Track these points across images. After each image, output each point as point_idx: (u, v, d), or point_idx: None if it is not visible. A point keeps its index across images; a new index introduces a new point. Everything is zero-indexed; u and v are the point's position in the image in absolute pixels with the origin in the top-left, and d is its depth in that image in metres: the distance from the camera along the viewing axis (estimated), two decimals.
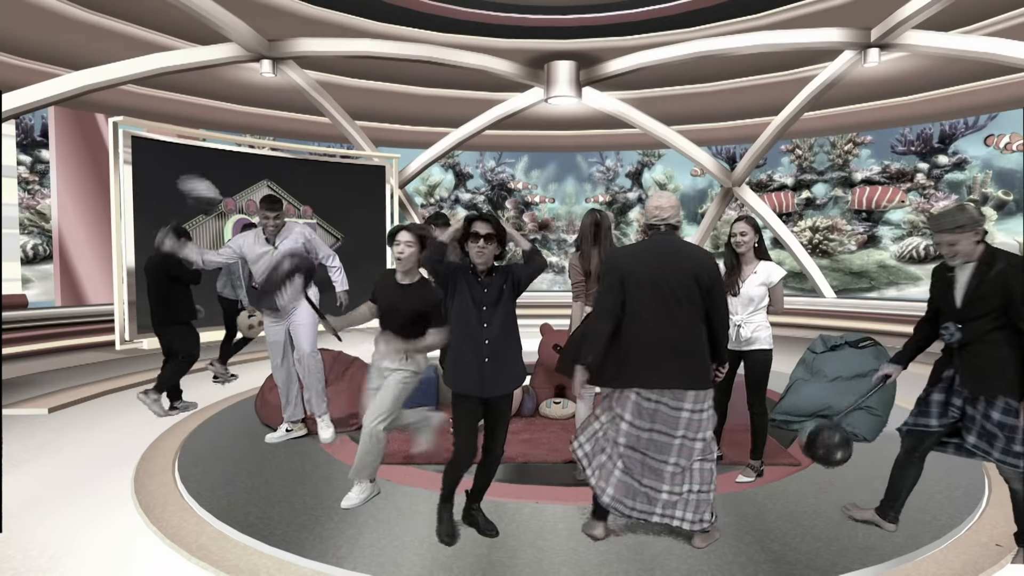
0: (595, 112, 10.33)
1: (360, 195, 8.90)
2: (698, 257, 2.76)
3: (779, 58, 8.68)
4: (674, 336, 2.68)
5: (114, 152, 6.60)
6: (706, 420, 2.76)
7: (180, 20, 7.17)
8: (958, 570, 2.69)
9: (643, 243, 2.90)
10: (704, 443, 2.78)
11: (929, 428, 2.88)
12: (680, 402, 2.72)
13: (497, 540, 2.94)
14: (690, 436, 2.75)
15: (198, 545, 2.89)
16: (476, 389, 2.83)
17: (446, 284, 2.92)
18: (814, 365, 5.02)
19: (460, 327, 2.88)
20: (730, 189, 11.21)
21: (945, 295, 2.79)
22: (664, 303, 2.68)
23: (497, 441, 2.98)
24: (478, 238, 2.85)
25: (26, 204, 11.05)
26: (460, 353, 2.86)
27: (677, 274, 2.68)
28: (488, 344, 2.83)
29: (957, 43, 7.24)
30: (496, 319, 2.86)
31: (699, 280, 2.67)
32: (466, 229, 2.89)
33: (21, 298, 8.99)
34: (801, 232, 13.26)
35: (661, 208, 2.80)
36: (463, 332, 2.87)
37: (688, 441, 2.76)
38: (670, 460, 2.77)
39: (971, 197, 11.45)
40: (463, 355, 2.85)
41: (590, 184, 15.51)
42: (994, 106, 10.59)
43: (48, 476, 3.87)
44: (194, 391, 5.87)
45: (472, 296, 2.86)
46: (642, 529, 3.03)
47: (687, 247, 2.82)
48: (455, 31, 8.36)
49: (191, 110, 10.46)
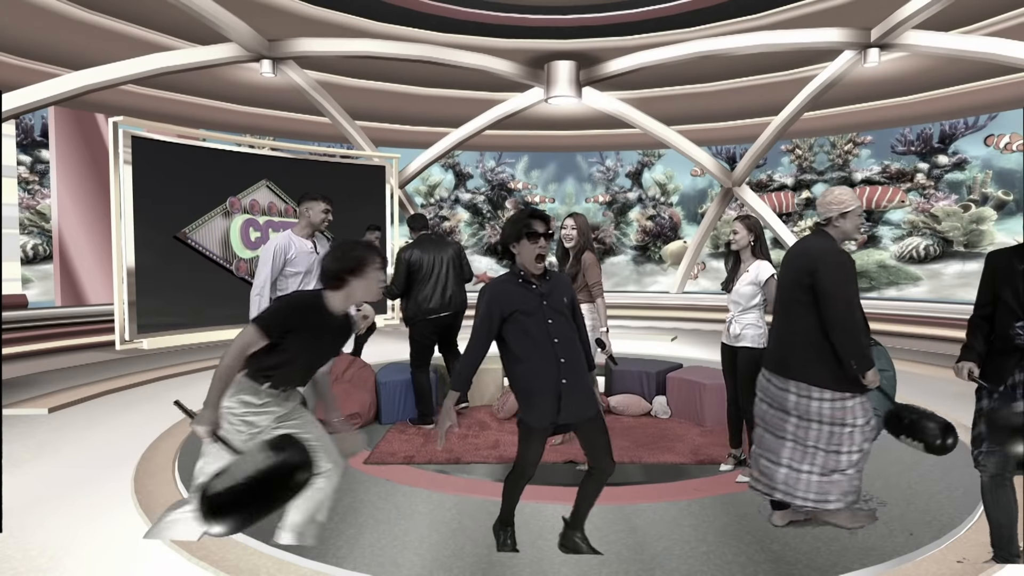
0: (595, 112, 10.33)
1: (360, 195, 8.90)
2: (813, 255, 2.75)
3: (779, 58, 8.68)
4: (783, 326, 2.90)
5: (114, 152, 6.60)
6: (816, 408, 2.76)
7: (180, 20, 7.16)
8: (958, 570, 2.69)
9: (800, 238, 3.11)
10: (819, 430, 2.77)
11: None
12: (786, 385, 2.84)
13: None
14: (804, 422, 2.80)
15: (198, 545, 2.89)
16: (556, 417, 2.46)
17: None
18: None
19: (526, 350, 2.45)
20: (730, 189, 11.21)
21: (1017, 288, 2.44)
22: (781, 295, 2.93)
23: (603, 457, 2.59)
24: (537, 237, 2.43)
25: (26, 204, 11.05)
26: (533, 380, 2.46)
27: (791, 271, 2.85)
28: (564, 363, 2.44)
29: (957, 43, 7.24)
30: (563, 330, 2.48)
31: (804, 277, 2.74)
32: (518, 229, 2.46)
33: (21, 298, 8.99)
34: (801, 232, 13.26)
35: (826, 204, 2.84)
36: (533, 355, 2.44)
37: (803, 422, 2.80)
38: (787, 435, 2.86)
39: (971, 197, 11.45)
40: (537, 382, 2.45)
41: (590, 184, 15.50)
42: (994, 106, 10.59)
43: (48, 476, 3.87)
44: (195, 391, 5.86)
45: (535, 313, 2.44)
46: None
47: (811, 244, 2.83)
48: (455, 31, 8.36)
49: (191, 110, 10.46)
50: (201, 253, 7.38)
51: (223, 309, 7.35)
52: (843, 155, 13.12)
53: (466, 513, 3.22)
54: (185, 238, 7.23)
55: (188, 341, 7.39)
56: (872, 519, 3.07)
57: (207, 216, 7.43)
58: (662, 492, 3.56)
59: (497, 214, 15.32)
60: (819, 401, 2.76)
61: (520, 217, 2.49)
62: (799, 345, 2.80)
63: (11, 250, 10.47)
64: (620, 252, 15.31)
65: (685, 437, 4.57)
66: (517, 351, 2.48)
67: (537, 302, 2.46)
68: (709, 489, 3.57)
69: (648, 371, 5.40)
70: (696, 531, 3.01)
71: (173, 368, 7.21)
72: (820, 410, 2.77)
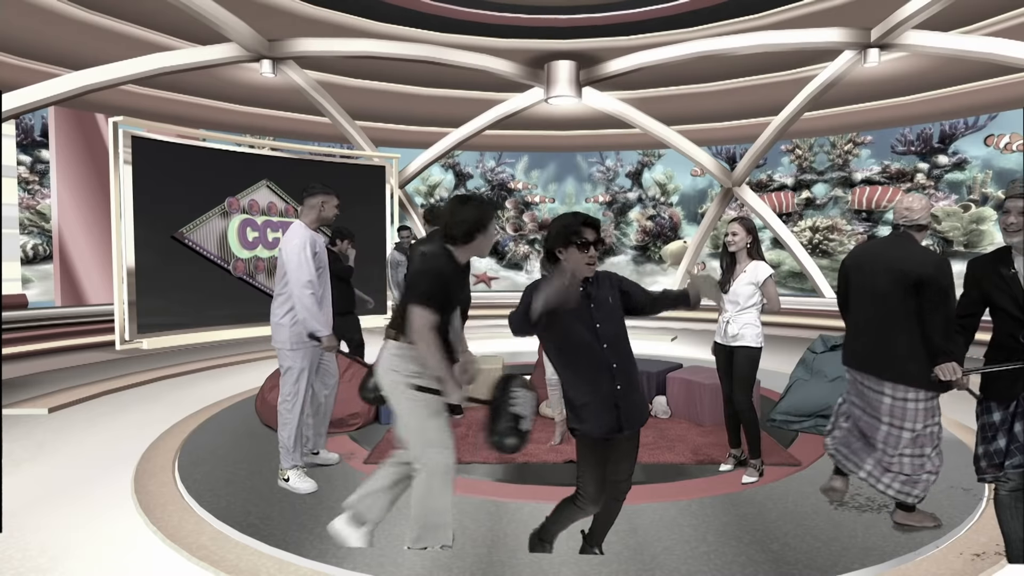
0: (595, 112, 10.33)
1: (360, 195, 8.91)
2: (913, 260, 2.80)
3: (779, 58, 8.69)
4: (879, 329, 2.91)
5: (114, 152, 6.60)
6: (912, 410, 2.82)
7: (180, 20, 7.17)
8: (958, 570, 2.69)
9: (875, 241, 3.25)
10: (913, 434, 2.84)
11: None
12: (881, 387, 2.89)
13: (497, 540, 2.94)
14: (896, 424, 2.86)
15: (198, 545, 2.89)
16: (616, 426, 2.33)
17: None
18: (814, 365, 5.02)
19: (579, 358, 2.32)
20: (730, 189, 11.21)
21: (1016, 295, 2.35)
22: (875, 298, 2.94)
23: (625, 475, 2.49)
24: (588, 247, 2.28)
25: (26, 204, 11.05)
26: (588, 389, 2.32)
27: (889, 275, 2.86)
28: (617, 368, 2.32)
29: (957, 43, 7.24)
30: (613, 335, 2.34)
31: (909, 280, 2.77)
32: (568, 236, 2.28)
33: (21, 298, 8.99)
34: (801, 232, 13.26)
35: (911, 210, 2.92)
36: (586, 362, 2.31)
37: (895, 429, 2.87)
38: (878, 440, 2.94)
39: (971, 197, 11.46)
40: (593, 390, 2.31)
41: (590, 184, 15.51)
42: (994, 106, 10.60)
43: (48, 476, 3.87)
44: (195, 391, 5.87)
45: (582, 316, 2.30)
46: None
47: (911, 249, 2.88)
48: (455, 31, 8.36)
49: (191, 110, 10.47)
50: (199, 253, 7.38)
51: (223, 309, 7.36)
52: (843, 155, 13.13)
53: (466, 513, 3.22)
54: (183, 238, 7.23)
55: (188, 341, 7.40)
56: (935, 520, 3.07)
57: (205, 216, 7.43)
58: (662, 492, 3.55)
59: (497, 214, 15.32)
60: (914, 402, 2.82)
61: (571, 223, 2.29)
62: (900, 346, 2.82)
63: (11, 250, 10.48)
64: (620, 252, 15.31)
65: (685, 437, 4.57)
66: (565, 356, 2.36)
67: (584, 304, 2.30)
68: (709, 489, 3.57)
69: (648, 371, 5.40)
70: (696, 531, 3.01)
71: (173, 368, 7.21)
72: (916, 411, 2.83)
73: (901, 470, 2.91)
